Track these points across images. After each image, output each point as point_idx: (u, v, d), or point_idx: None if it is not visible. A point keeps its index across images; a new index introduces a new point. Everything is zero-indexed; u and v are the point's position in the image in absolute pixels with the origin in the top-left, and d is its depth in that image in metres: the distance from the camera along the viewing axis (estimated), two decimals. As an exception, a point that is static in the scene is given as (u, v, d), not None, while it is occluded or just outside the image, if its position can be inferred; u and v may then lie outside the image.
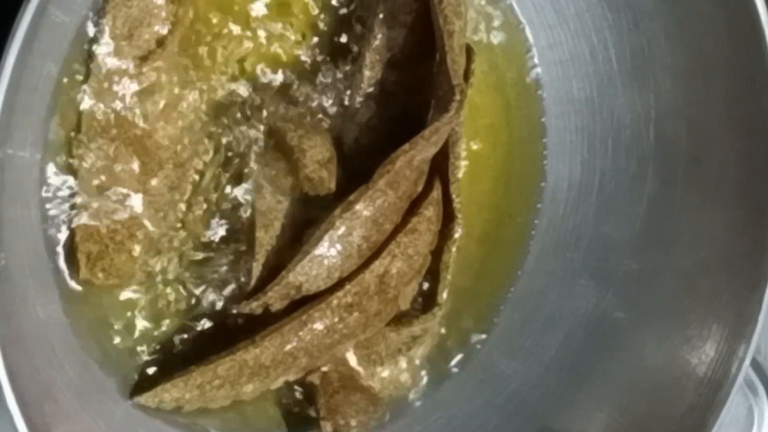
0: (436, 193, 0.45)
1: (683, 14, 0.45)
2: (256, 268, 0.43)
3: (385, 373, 0.47)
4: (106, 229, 0.43)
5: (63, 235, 0.42)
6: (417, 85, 0.45)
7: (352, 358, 0.46)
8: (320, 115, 0.45)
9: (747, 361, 0.43)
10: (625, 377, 0.46)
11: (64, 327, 0.43)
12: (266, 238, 0.43)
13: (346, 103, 0.45)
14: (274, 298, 0.42)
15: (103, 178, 0.42)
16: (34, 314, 0.41)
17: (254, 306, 0.43)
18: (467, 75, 0.44)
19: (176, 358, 0.44)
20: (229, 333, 0.44)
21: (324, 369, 0.45)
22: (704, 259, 0.45)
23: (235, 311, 0.44)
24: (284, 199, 0.44)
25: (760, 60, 0.44)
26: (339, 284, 0.43)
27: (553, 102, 0.48)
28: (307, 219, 0.44)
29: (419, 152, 0.42)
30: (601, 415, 0.46)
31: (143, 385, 0.43)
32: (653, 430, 0.46)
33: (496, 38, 0.49)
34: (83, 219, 0.42)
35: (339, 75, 0.45)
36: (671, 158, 0.46)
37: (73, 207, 0.42)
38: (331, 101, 0.45)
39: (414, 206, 0.44)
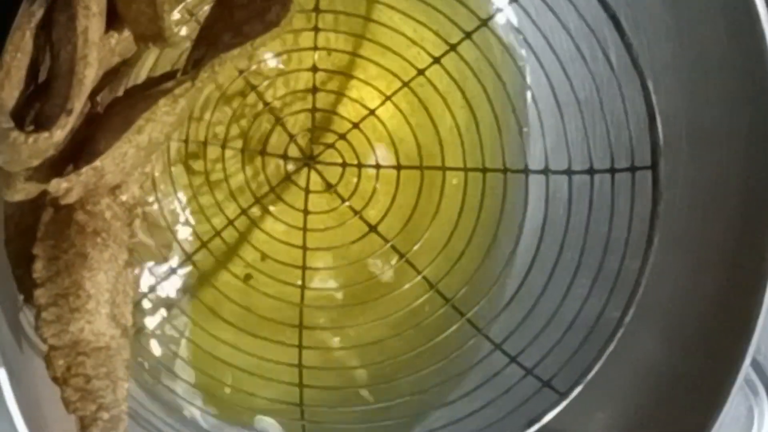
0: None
1: (683, 14, 0.45)
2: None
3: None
4: None
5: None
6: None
7: None
8: None
9: (747, 361, 0.43)
10: (625, 377, 0.46)
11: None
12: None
13: None
14: (84, 177, 0.38)
15: None
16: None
17: (62, 185, 0.38)
18: None
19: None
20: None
21: None
22: (704, 259, 0.45)
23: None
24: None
25: (760, 60, 0.44)
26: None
27: (552, 102, 0.48)
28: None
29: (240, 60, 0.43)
30: (601, 415, 0.46)
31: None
32: (653, 430, 0.46)
33: (493, 34, 0.49)
34: None
35: None
36: (671, 158, 0.46)
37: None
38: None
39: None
